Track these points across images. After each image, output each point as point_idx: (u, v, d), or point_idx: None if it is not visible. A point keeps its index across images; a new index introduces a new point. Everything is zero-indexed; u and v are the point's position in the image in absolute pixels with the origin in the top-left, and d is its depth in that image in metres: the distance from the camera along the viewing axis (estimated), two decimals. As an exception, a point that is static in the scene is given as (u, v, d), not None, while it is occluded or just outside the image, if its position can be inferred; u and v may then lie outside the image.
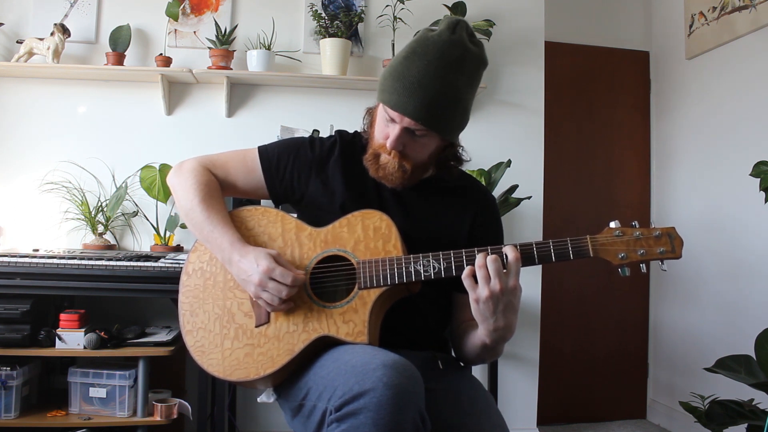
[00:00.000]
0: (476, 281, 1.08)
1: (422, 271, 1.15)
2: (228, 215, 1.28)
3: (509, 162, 2.63)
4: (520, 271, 1.09)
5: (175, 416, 2.24)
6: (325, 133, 1.74)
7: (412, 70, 1.17)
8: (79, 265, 2.10)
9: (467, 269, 1.09)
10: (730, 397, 2.04)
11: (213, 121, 2.74)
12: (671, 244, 1.09)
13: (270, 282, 1.15)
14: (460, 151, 1.33)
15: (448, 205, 1.34)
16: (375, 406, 0.93)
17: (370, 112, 1.33)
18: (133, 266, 2.11)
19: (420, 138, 1.21)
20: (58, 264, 2.10)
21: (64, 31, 2.52)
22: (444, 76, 1.16)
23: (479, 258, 1.08)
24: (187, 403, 2.29)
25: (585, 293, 3.29)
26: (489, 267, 1.07)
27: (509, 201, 2.62)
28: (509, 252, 1.09)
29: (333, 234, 1.24)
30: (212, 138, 2.72)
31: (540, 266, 2.86)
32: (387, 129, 1.22)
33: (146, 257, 2.24)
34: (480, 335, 1.16)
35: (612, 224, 1.12)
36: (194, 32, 2.74)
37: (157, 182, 2.58)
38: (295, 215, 1.32)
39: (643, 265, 1.10)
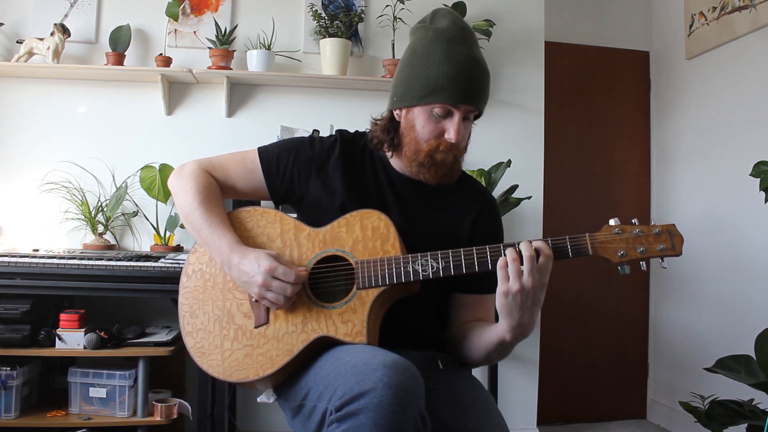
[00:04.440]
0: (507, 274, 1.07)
1: (421, 271, 1.15)
2: (227, 218, 1.28)
3: (509, 162, 2.63)
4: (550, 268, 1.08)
5: (175, 416, 2.24)
6: (325, 133, 1.74)
7: (460, 63, 1.21)
8: (79, 265, 2.10)
9: (501, 260, 1.08)
10: (730, 397, 2.03)
11: (213, 121, 2.74)
12: (671, 241, 1.08)
13: (274, 281, 1.15)
14: None
15: (448, 206, 1.34)
16: (375, 407, 0.93)
17: (392, 119, 1.32)
18: (133, 266, 2.11)
19: (466, 123, 1.27)
20: (58, 264, 2.10)
21: (64, 31, 2.52)
22: (480, 57, 1.24)
23: (510, 251, 1.07)
24: (187, 403, 2.29)
25: (585, 293, 3.28)
26: (525, 262, 1.06)
27: (509, 201, 2.62)
28: (543, 248, 1.08)
29: (331, 234, 1.24)
30: (212, 138, 2.72)
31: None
32: (441, 124, 1.24)
33: (146, 257, 2.24)
34: (500, 331, 1.14)
35: (611, 222, 1.11)
36: (194, 32, 2.74)
37: (157, 182, 2.58)
38: (294, 216, 1.32)
39: (643, 262, 1.09)
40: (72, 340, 2.16)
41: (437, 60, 1.21)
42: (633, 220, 1.11)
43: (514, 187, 2.63)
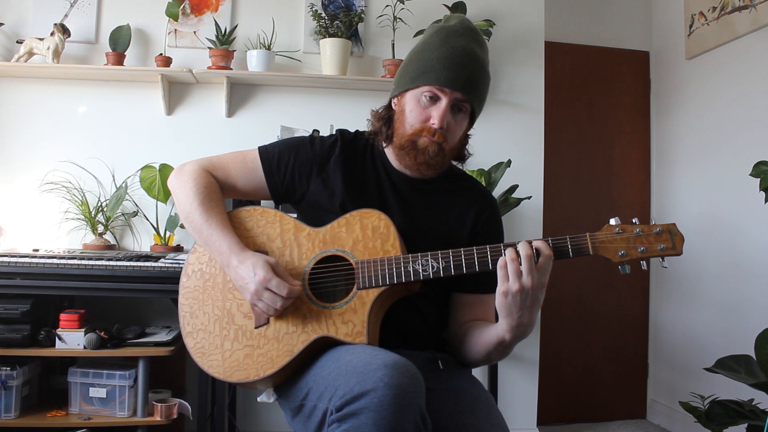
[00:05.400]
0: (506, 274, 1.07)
1: (421, 271, 1.15)
2: (227, 218, 1.28)
3: (509, 162, 2.63)
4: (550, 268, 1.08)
5: (175, 416, 2.24)
6: (325, 133, 1.75)
7: (453, 50, 1.22)
8: (79, 265, 2.10)
9: (501, 260, 1.07)
10: (730, 397, 2.04)
11: (213, 121, 2.74)
12: (672, 240, 1.08)
13: (266, 292, 1.15)
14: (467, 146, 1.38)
15: (449, 206, 1.34)
16: (376, 407, 0.93)
17: (388, 108, 1.35)
18: (133, 266, 2.11)
19: (458, 116, 1.26)
20: (58, 264, 2.10)
21: (64, 31, 2.52)
22: (480, 54, 1.25)
23: (510, 251, 1.07)
24: (187, 403, 2.29)
25: (585, 293, 3.28)
26: (523, 261, 1.05)
27: (509, 201, 2.62)
28: (543, 248, 1.08)
29: (331, 234, 1.24)
30: (212, 138, 2.72)
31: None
32: (428, 110, 1.24)
33: (146, 257, 2.24)
34: (499, 331, 1.14)
35: (612, 221, 1.10)
36: (194, 32, 2.73)
37: (157, 182, 2.58)
38: (294, 215, 1.32)
39: (644, 262, 1.09)
40: (72, 340, 2.16)
41: (433, 46, 1.24)
42: (633, 220, 1.11)
43: (514, 187, 2.63)
